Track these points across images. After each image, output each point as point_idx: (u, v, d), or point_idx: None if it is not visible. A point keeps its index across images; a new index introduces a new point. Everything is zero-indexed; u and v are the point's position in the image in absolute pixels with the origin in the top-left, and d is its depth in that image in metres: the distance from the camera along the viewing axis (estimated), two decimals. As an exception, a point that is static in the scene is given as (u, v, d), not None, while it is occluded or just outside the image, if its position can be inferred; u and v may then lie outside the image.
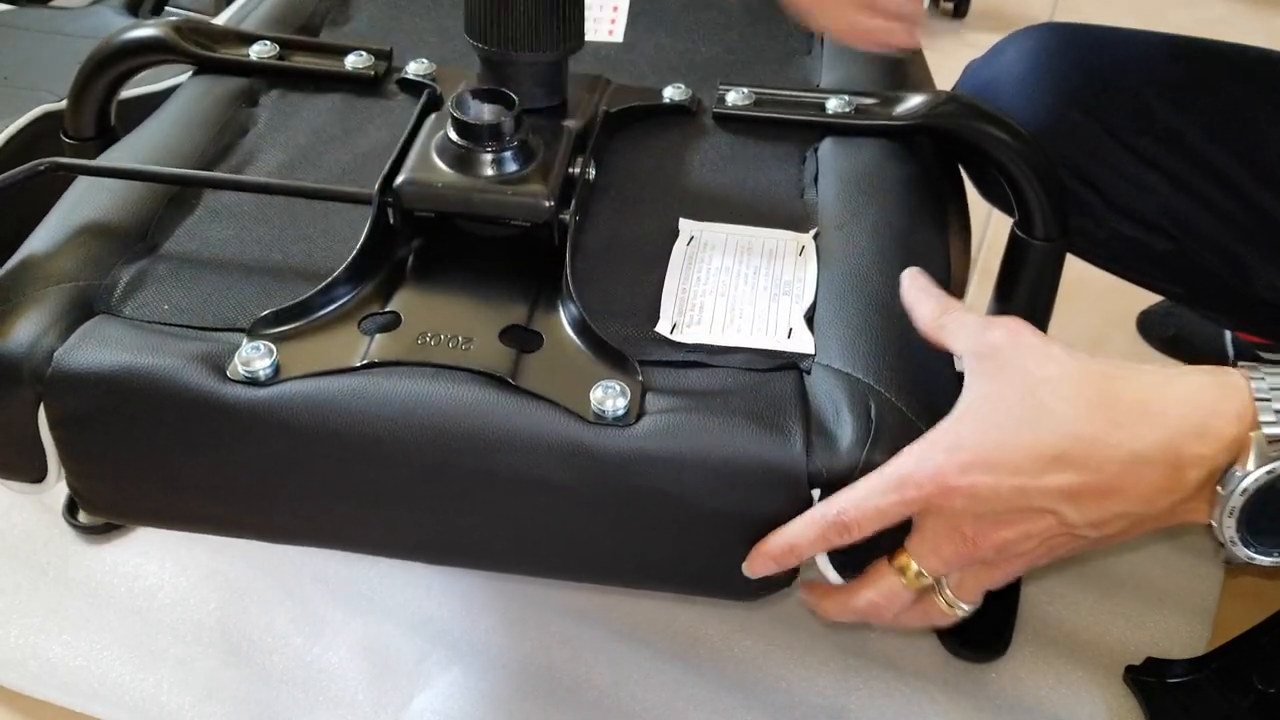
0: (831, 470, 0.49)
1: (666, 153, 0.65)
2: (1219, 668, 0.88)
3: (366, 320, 0.53)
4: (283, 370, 0.50)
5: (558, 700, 0.84)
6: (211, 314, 0.54)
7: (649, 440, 0.49)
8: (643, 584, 0.55)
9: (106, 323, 0.52)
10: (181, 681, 0.85)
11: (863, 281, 0.56)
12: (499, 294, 0.54)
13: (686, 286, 0.56)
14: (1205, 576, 0.96)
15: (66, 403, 0.51)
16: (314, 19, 0.76)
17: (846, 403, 0.50)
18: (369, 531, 0.54)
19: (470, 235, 0.57)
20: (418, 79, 0.68)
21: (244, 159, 0.63)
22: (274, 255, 0.57)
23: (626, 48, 0.75)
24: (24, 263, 0.55)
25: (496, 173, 0.54)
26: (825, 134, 0.66)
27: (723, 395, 0.51)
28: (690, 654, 0.87)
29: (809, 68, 0.74)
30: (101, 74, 0.69)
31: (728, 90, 0.68)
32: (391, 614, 0.89)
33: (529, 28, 0.58)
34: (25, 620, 0.88)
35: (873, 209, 0.61)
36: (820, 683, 0.85)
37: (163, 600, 0.89)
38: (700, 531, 0.51)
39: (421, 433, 0.49)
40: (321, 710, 0.83)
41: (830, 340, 0.53)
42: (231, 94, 0.67)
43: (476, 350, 0.51)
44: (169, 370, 0.50)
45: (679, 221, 0.60)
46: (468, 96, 0.55)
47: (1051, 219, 0.70)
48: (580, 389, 0.50)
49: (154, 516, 0.55)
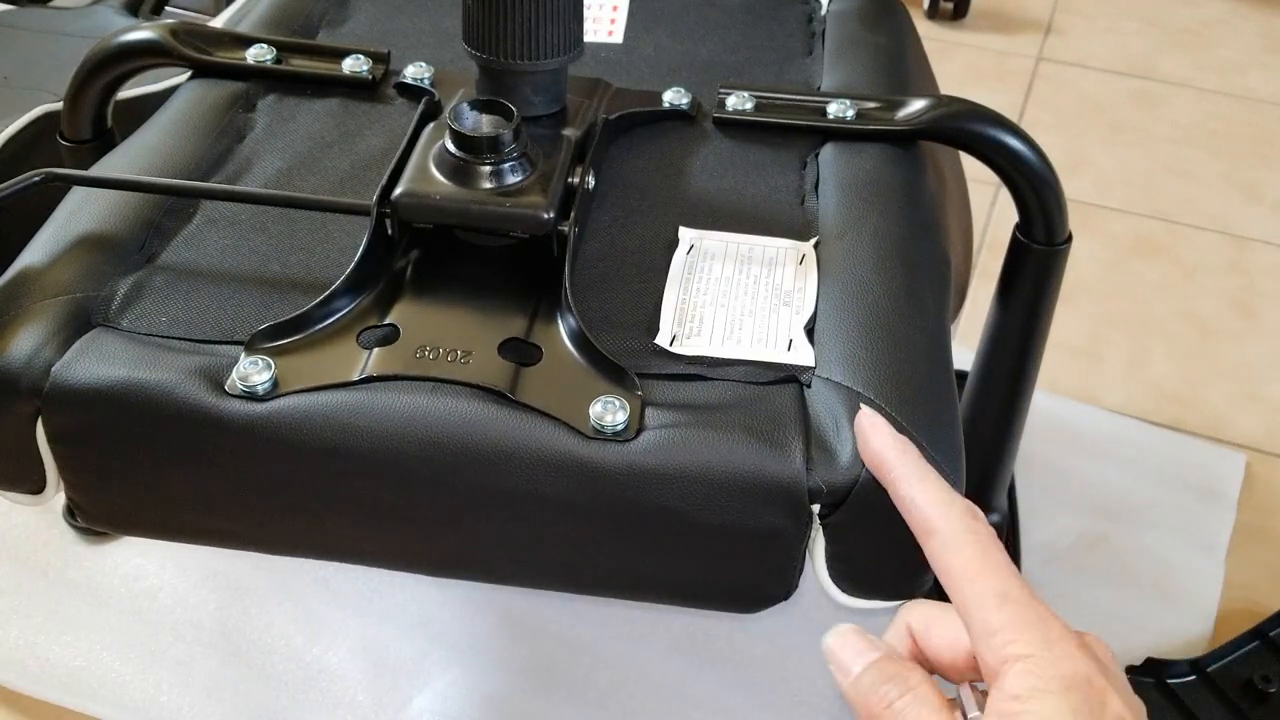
0: (831, 485, 0.49)
1: (666, 159, 0.65)
2: (1219, 668, 0.88)
3: (365, 333, 0.53)
4: (281, 384, 0.50)
5: (558, 701, 0.84)
6: (209, 326, 0.53)
7: (648, 455, 0.49)
8: (642, 596, 0.55)
9: (104, 335, 0.52)
10: (181, 681, 0.85)
11: (863, 292, 0.56)
12: (498, 306, 0.54)
13: (686, 297, 0.56)
14: (1205, 576, 0.96)
15: (65, 417, 0.50)
16: (312, 19, 0.76)
17: (847, 417, 0.50)
18: (367, 545, 0.54)
19: (469, 246, 0.57)
20: (415, 84, 0.67)
21: (241, 165, 0.62)
22: (272, 266, 0.57)
23: (626, 49, 0.75)
24: (20, 275, 0.54)
25: (495, 184, 0.54)
26: (826, 139, 0.66)
27: (722, 409, 0.51)
28: (690, 654, 0.87)
29: (809, 69, 0.74)
30: (97, 77, 0.69)
31: (728, 94, 0.67)
32: (391, 614, 0.89)
33: (527, 37, 0.58)
34: (25, 620, 0.88)
35: (873, 216, 0.60)
36: (820, 683, 0.85)
37: (163, 600, 0.89)
38: (700, 545, 0.51)
39: (420, 448, 0.49)
40: (321, 710, 0.83)
41: (830, 353, 0.53)
42: (228, 98, 0.67)
43: (475, 364, 0.51)
44: (167, 385, 0.49)
45: (679, 230, 0.60)
46: (465, 108, 0.55)
47: (1054, 223, 0.69)
48: (579, 403, 0.50)
49: (153, 529, 0.55)
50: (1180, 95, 1.64)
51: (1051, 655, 0.38)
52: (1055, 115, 1.59)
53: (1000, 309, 0.76)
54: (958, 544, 0.41)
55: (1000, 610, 0.39)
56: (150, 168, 0.61)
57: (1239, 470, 1.06)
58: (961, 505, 0.43)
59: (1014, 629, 0.39)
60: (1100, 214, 1.41)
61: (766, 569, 0.52)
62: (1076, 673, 0.38)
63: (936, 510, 0.43)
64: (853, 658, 0.43)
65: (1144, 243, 1.36)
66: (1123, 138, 1.55)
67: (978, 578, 0.40)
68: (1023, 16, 1.81)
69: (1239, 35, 1.77)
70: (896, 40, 0.78)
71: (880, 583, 0.53)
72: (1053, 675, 0.38)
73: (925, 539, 0.43)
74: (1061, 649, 0.38)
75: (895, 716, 0.40)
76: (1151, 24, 1.78)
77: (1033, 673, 0.38)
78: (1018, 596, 0.40)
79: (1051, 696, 0.37)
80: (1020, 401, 0.81)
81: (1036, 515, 1.00)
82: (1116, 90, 1.64)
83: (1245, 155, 1.52)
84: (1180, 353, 1.21)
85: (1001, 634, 0.39)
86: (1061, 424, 1.09)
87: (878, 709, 0.41)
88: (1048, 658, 0.38)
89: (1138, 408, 1.14)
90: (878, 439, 0.46)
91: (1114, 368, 1.18)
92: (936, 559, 0.42)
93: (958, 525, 0.42)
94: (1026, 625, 0.39)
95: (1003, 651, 0.39)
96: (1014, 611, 0.39)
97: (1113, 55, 1.72)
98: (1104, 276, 1.31)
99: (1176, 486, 1.04)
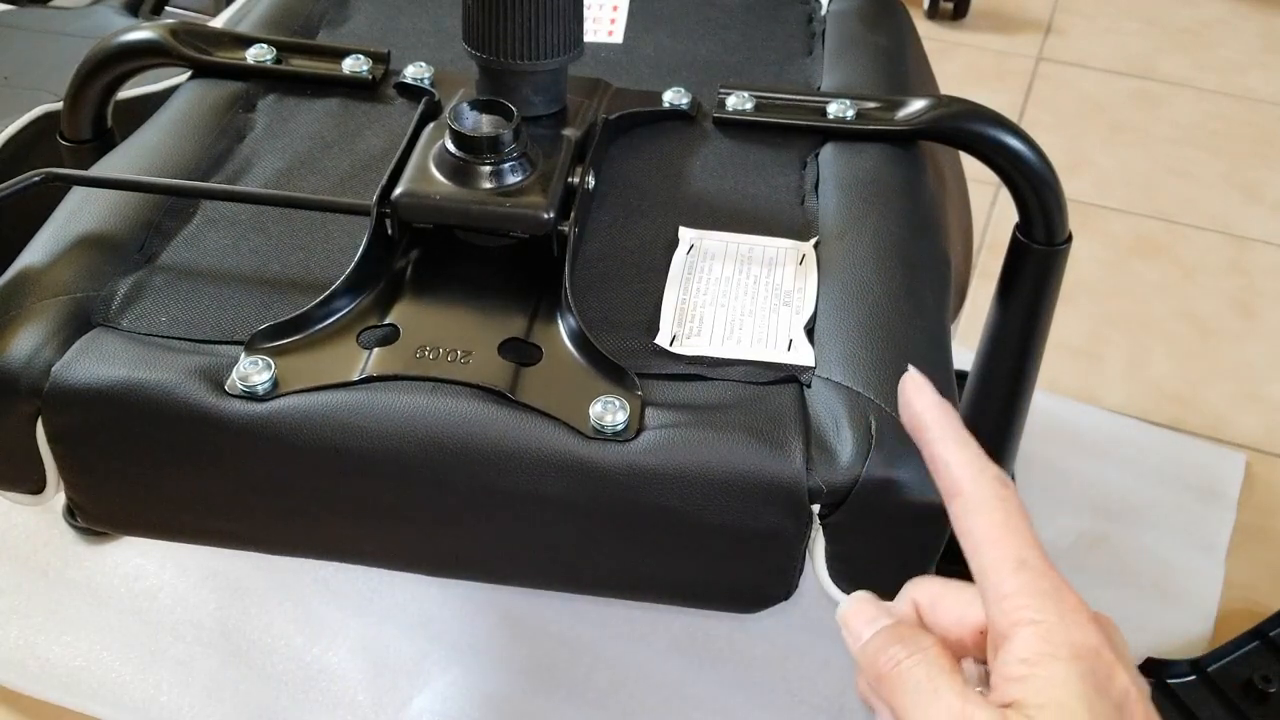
0: (831, 485, 0.49)
1: (666, 159, 0.65)
2: (1219, 668, 0.88)
3: (365, 333, 0.53)
4: (281, 384, 0.50)
5: (558, 701, 0.84)
6: (209, 326, 0.53)
7: (648, 455, 0.49)
8: (642, 596, 0.55)
9: (104, 335, 0.52)
10: (181, 681, 0.85)
11: (863, 292, 0.56)
12: (498, 306, 0.54)
13: (686, 297, 0.56)
14: (1205, 576, 0.96)
15: (65, 417, 0.50)
16: (312, 19, 0.76)
17: (846, 417, 0.50)
18: (367, 545, 0.54)
19: (469, 246, 0.57)
20: (415, 84, 0.67)
21: (241, 166, 0.62)
22: (272, 265, 0.57)
23: (626, 49, 0.75)
24: (21, 275, 0.54)
25: (495, 184, 0.54)
26: (826, 139, 0.66)
27: (722, 409, 0.51)
28: (690, 654, 0.87)
29: (810, 69, 0.74)
30: (97, 77, 0.69)
31: (728, 94, 0.67)
32: (391, 614, 0.89)
33: (527, 37, 0.58)
34: (25, 620, 0.88)
35: (873, 217, 0.60)
36: (820, 683, 0.85)
37: (163, 600, 0.89)
38: (700, 545, 0.51)
39: (420, 448, 0.49)
40: (321, 710, 0.83)
41: (830, 353, 0.53)
42: (228, 98, 0.67)
43: (475, 364, 0.51)
44: (167, 385, 0.49)
45: (679, 230, 0.60)
46: (465, 108, 0.55)
47: (1054, 223, 0.69)
48: (579, 403, 0.50)
49: (153, 529, 0.55)
50: (1180, 95, 1.64)
51: (1063, 623, 0.38)
52: (1055, 115, 1.59)
53: (1000, 309, 0.76)
54: (984, 508, 0.41)
55: (1016, 575, 0.39)
56: (150, 168, 0.61)
57: (1239, 470, 1.06)
58: (994, 472, 0.42)
59: (1028, 594, 0.39)
60: (1100, 214, 1.41)
61: (766, 569, 0.52)
62: (1087, 642, 0.38)
63: (968, 473, 0.42)
64: (864, 624, 0.43)
65: (1144, 243, 1.36)
66: (1123, 138, 1.55)
67: (998, 542, 0.40)
68: (1023, 16, 1.81)
69: (1239, 35, 1.77)
70: (896, 40, 0.78)
71: (880, 583, 0.53)
72: (1063, 642, 0.37)
73: (951, 500, 0.42)
74: (1074, 619, 0.38)
75: (902, 676, 0.40)
76: (1151, 24, 1.78)
77: (1043, 638, 0.38)
78: (1035, 564, 0.39)
79: (1060, 663, 0.37)
80: (1020, 401, 0.81)
81: (1036, 515, 0.99)
82: (1116, 90, 1.64)
83: (1245, 155, 1.52)
84: (1180, 353, 1.21)
85: (1015, 598, 0.39)
86: (1061, 424, 1.09)
87: (885, 669, 0.40)
88: (1059, 625, 0.38)
89: (1138, 408, 1.14)
90: (921, 400, 0.45)
91: (1114, 368, 1.18)
92: (959, 521, 0.42)
93: (986, 490, 0.41)
94: (1041, 593, 0.39)
95: (1014, 615, 0.38)
96: (1030, 578, 0.39)
97: (1113, 55, 1.72)
98: (1104, 276, 1.31)
99: (1176, 486, 1.04)
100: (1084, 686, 0.37)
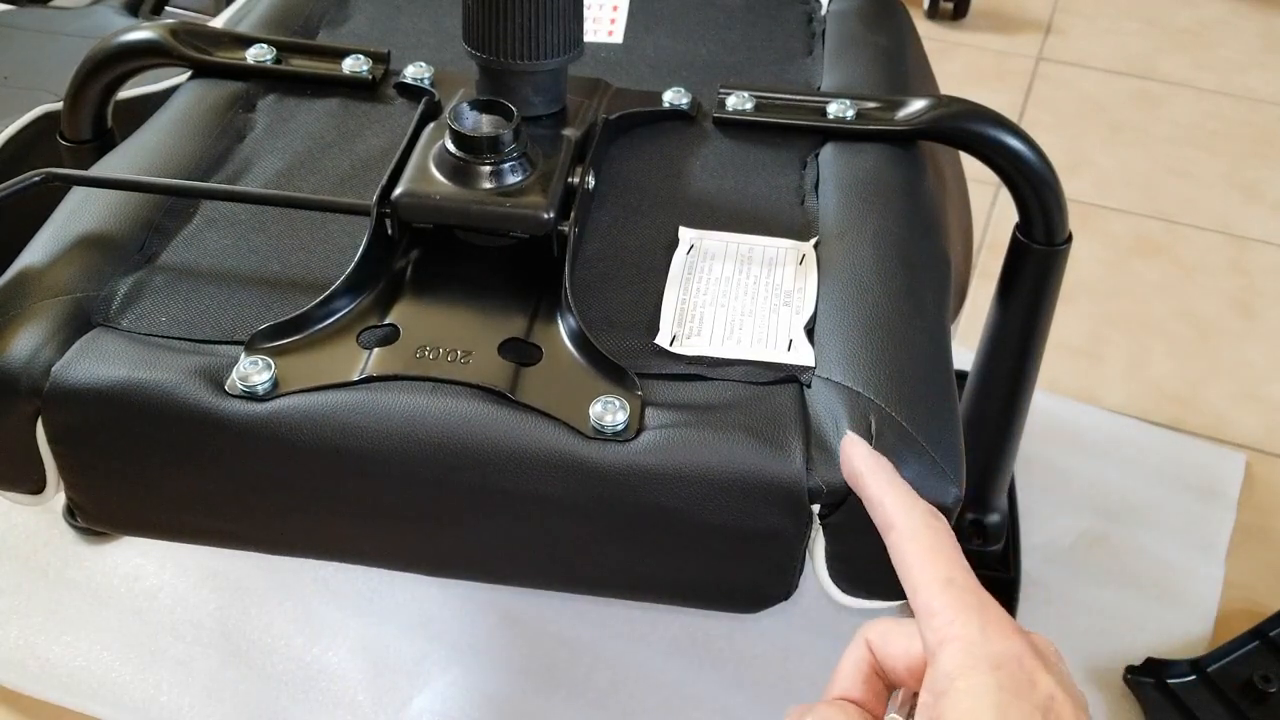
0: (831, 485, 0.49)
1: (666, 159, 0.65)
2: (1219, 668, 0.88)
3: (365, 333, 0.53)
4: (281, 384, 0.50)
5: (558, 701, 0.84)
6: (210, 326, 0.53)
7: (648, 455, 0.49)
8: (642, 596, 0.55)
9: (104, 335, 0.52)
10: (181, 681, 0.85)
11: (863, 292, 0.56)
12: (498, 306, 0.54)
13: (686, 297, 0.56)
14: (1205, 576, 0.96)
15: (65, 417, 0.50)
16: (312, 19, 0.76)
17: (847, 417, 0.50)
18: (367, 545, 0.54)
19: (469, 246, 0.57)
20: (415, 84, 0.67)
21: (241, 166, 0.62)
22: (272, 265, 0.57)
23: (626, 49, 0.75)
24: (20, 275, 0.54)
25: (495, 184, 0.54)
26: (826, 139, 0.66)
27: (722, 409, 0.51)
28: (690, 654, 0.87)
29: (810, 69, 0.74)
30: (97, 78, 0.69)
31: (728, 94, 0.67)
32: (391, 614, 0.89)
33: (527, 37, 0.58)
34: (25, 620, 0.88)
35: (873, 217, 0.60)
36: (820, 682, 0.85)
37: (163, 600, 0.89)
38: (700, 545, 0.51)
39: (421, 448, 0.49)
40: (321, 710, 0.83)
41: (830, 353, 0.53)
42: (228, 99, 0.67)
43: (475, 364, 0.51)
44: (167, 385, 0.49)
45: (679, 230, 0.60)
46: (465, 108, 0.55)
47: (1054, 223, 0.70)
48: (579, 403, 0.50)
49: (153, 529, 0.55)
50: (1180, 95, 1.64)
51: (984, 636, 0.40)
52: (1055, 115, 1.59)
53: (1000, 309, 0.76)
54: (914, 535, 0.44)
55: (943, 594, 0.42)
56: (150, 168, 0.61)
57: (1239, 470, 1.06)
58: (923, 506, 0.46)
59: (953, 610, 0.41)
60: (1100, 214, 1.41)
61: (766, 569, 0.52)
62: (1007, 652, 0.40)
63: (899, 507, 0.45)
64: None
65: (1144, 243, 1.36)
66: (1123, 138, 1.55)
67: (928, 564, 0.43)
68: (1023, 16, 1.81)
69: (1239, 35, 1.77)
70: (896, 40, 0.78)
71: (880, 583, 0.53)
72: (983, 655, 0.39)
73: (887, 533, 0.45)
74: (995, 630, 0.40)
75: None
76: (1151, 24, 1.78)
77: (965, 651, 0.40)
78: (962, 583, 0.42)
79: (979, 674, 0.39)
80: (1020, 401, 0.81)
81: (1036, 515, 1.00)
82: (1116, 90, 1.64)
83: (1245, 155, 1.52)
84: (1180, 353, 1.21)
85: (941, 615, 0.41)
86: (1061, 424, 1.09)
87: None
88: (980, 638, 0.40)
89: (1138, 408, 1.14)
90: (857, 454, 0.49)
91: (1114, 368, 1.18)
92: (894, 549, 0.45)
93: (917, 520, 0.45)
94: (965, 608, 0.41)
95: (941, 632, 0.41)
96: (955, 595, 0.41)
97: (1113, 55, 1.72)
98: (1104, 276, 1.31)
99: (1176, 486, 1.04)
100: (1000, 695, 0.38)
